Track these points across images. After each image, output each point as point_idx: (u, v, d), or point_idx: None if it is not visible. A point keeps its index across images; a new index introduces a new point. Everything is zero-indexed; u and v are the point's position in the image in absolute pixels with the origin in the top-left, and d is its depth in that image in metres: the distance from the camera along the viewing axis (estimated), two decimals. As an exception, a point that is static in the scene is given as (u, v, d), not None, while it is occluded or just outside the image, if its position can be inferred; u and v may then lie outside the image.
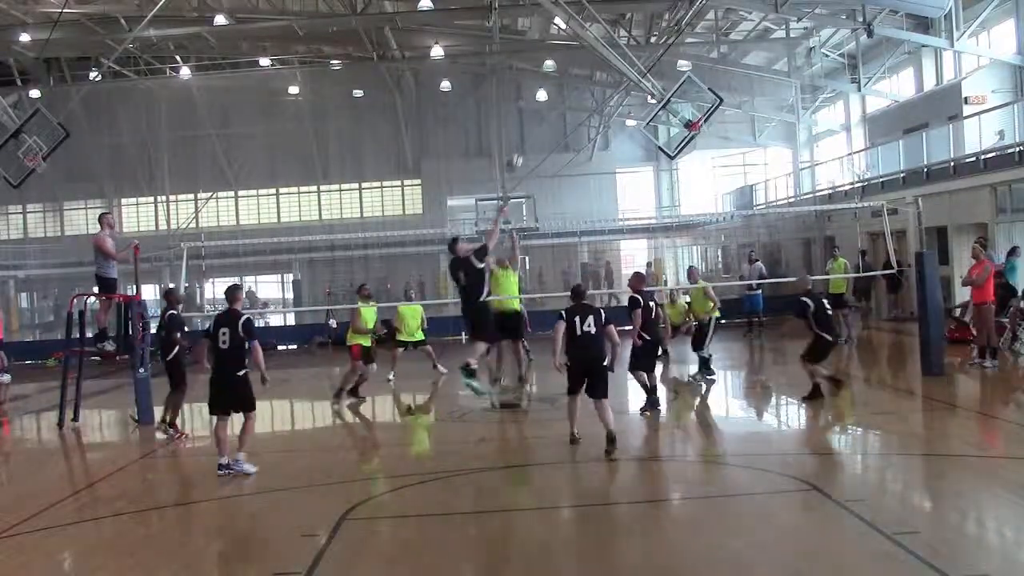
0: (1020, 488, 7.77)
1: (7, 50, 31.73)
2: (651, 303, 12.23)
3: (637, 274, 12.72)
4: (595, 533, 7.08)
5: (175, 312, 12.64)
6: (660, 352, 14.43)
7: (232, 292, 10.04)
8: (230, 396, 9.62)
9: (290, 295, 43.76)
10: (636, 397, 12.40)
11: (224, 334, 9.58)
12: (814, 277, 20.47)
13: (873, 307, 25.18)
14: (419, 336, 16.81)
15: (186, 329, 13.19)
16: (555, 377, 10.35)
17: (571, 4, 22.56)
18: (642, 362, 12.15)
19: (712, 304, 14.95)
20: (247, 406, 9.66)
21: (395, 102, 43.88)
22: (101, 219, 13.99)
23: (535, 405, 13.17)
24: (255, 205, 47.29)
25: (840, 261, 19.59)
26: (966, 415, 11.65)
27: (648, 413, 11.91)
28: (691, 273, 17.71)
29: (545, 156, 42.13)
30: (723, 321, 24.84)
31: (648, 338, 12.03)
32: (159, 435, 12.35)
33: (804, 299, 12.13)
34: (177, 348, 12.44)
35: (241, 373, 9.57)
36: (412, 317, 16.69)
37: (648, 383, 12.15)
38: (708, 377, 15.03)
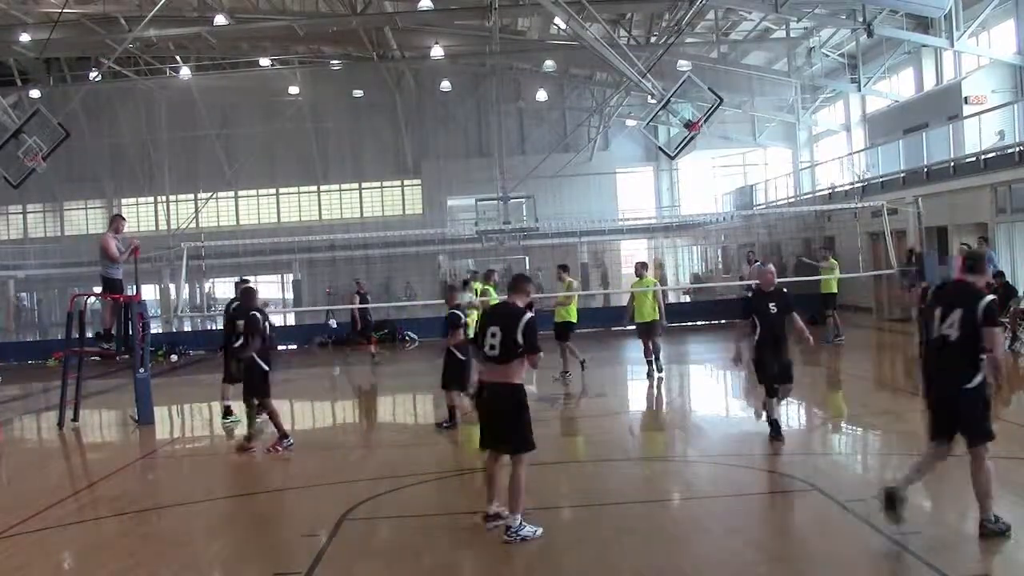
0: (1020, 488, 7.76)
1: (7, 50, 31.76)
2: None
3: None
4: (595, 533, 7.08)
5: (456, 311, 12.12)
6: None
7: (512, 281, 7.87)
8: None
9: (290, 295, 43.80)
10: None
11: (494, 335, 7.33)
12: (813, 277, 20.68)
13: (874, 307, 25.18)
14: None
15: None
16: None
17: (571, 4, 22.57)
18: None
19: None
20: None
21: (395, 102, 43.92)
22: (112, 220, 13.98)
23: (534, 405, 13.11)
24: (255, 205, 47.35)
25: (832, 261, 19.58)
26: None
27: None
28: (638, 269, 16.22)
29: (545, 156, 42.22)
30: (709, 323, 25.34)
31: None
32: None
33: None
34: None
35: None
36: None
37: None
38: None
